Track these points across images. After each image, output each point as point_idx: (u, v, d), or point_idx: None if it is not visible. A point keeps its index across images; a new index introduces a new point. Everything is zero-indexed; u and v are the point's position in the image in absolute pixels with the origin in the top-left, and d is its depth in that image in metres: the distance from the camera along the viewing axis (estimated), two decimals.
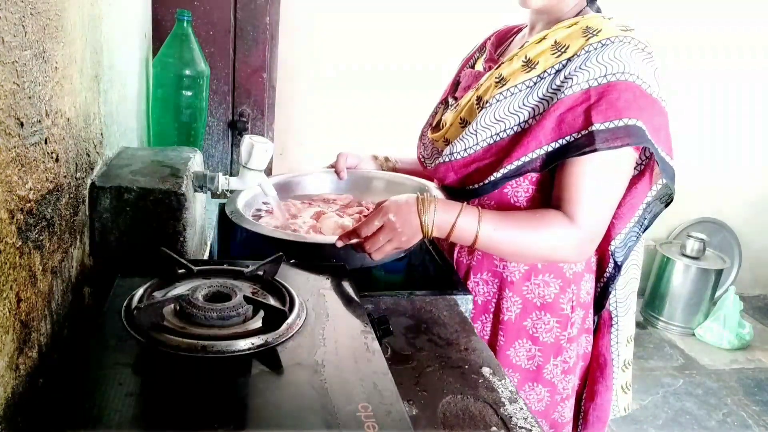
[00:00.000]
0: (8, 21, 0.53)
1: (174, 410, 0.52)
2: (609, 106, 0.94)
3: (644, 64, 0.95)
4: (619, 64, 0.94)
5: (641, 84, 0.94)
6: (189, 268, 0.73)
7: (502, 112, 1.02)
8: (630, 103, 0.94)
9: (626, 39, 0.95)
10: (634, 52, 0.95)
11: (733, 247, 3.57)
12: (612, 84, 0.94)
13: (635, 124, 0.94)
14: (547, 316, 1.10)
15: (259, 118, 1.80)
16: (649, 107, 0.95)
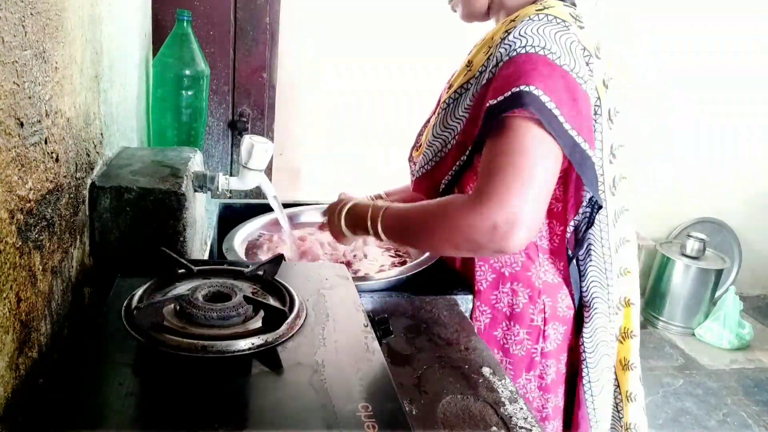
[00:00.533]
0: (8, 21, 0.53)
1: (174, 410, 0.52)
2: (503, 81, 0.87)
3: (554, 36, 0.88)
4: (523, 39, 0.87)
5: (547, 54, 0.86)
6: (189, 268, 0.73)
7: (448, 119, 1.02)
8: (527, 72, 0.84)
9: (536, 16, 0.90)
10: (542, 26, 0.88)
11: (733, 247, 3.58)
12: (512, 59, 0.87)
13: (523, 89, 0.83)
14: (517, 327, 1.05)
15: (259, 118, 1.81)
16: (552, 76, 0.84)
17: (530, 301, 1.04)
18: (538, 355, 1.06)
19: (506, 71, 0.88)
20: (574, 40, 0.90)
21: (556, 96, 0.84)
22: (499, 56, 0.91)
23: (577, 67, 0.88)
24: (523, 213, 0.80)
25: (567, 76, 0.86)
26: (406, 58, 2.77)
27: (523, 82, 0.84)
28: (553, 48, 0.87)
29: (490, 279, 1.06)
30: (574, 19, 0.94)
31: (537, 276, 1.04)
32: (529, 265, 1.04)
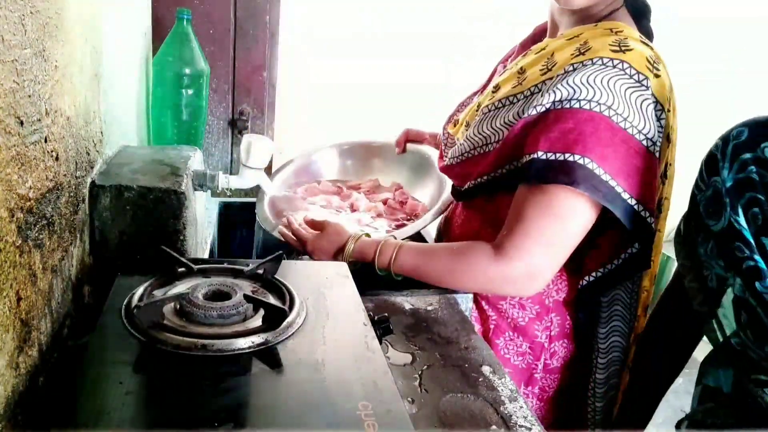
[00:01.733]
0: (8, 20, 0.53)
1: (174, 409, 0.52)
2: (559, 136, 0.84)
3: (625, 93, 0.83)
4: (591, 89, 0.83)
5: (612, 116, 0.82)
6: (189, 267, 0.73)
7: (485, 127, 0.97)
8: (585, 136, 0.82)
9: (611, 63, 0.84)
10: (615, 79, 0.83)
11: None
12: (573, 111, 0.83)
13: (576, 161, 0.82)
14: (520, 339, 1.03)
15: (259, 116, 1.80)
16: (613, 143, 0.83)
17: (537, 317, 1.02)
18: (539, 372, 1.04)
19: (564, 124, 0.84)
20: (647, 99, 0.84)
21: (613, 165, 0.83)
22: (558, 94, 0.85)
23: (647, 128, 0.84)
24: (543, 271, 0.89)
25: (632, 140, 0.83)
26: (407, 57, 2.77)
27: (580, 150, 0.82)
28: (620, 107, 0.82)
29: None
30: (651, 65, 0.87)
31: (549, 293, 1.02)
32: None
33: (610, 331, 1.00)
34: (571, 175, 0.82)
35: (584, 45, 0.88)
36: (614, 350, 1.01)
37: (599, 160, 0.82)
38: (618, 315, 1.00)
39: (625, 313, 1.00)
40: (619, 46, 0.86)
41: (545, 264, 0.88)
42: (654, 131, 0.85)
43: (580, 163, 0.82)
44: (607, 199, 0.83)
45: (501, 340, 1.04)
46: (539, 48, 0.97)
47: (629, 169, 0.84)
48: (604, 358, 1.00)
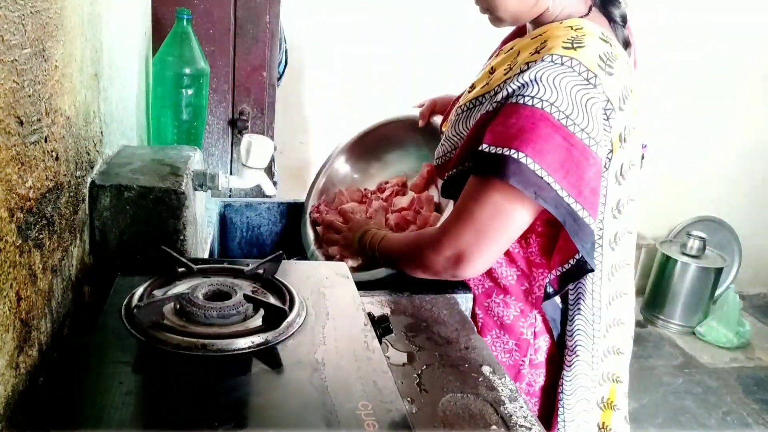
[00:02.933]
0: (8, 19, 0.53)
1: (174, 409, 0.52)
2: (502, 130, 0.85)
3: (570, 91, 0.83)
4: (537, 86, 0.83)
5: (554, 113, 0.83)
6: (189, 267, 0.73)
7: (460, 126, 1.00)
8: (524, 130, 0.83)
9: (561, 60, 0.84)
10: (562, 76, 0.83)
11: (733, 245, 3.58)
12: (518, 106, 0.85)
13: (511, 155, 0.83)
14: (506, 337, 1.05)
15: (259, 116, 1.80)
16: (552, 139, 0.83)
17: (521, 314, 1.04)
18: (525, 367, 1.05)
19: (508, 119, 0.85)
20: (593, 98, 0.84)
21: (550, 161, 0.83)
22: (510, 91, 0.86)
23: (590, 126, 0.84)
24: (471, 254, 0.91)
25: (572, 138, 0.83)
26: (407, 57, 2.77)
27: (517, 145, 0.83)
28: (563, 104, 0.83)
29: (486, 286, 1.06)
30: (604, 62, 0.86)
31: (531, 291, 1.03)
32: (523, 279, 1.03)
33: (574, 330, 1.01)
34: (504, 169, 0.84)
35: (542, 44, 0.89)
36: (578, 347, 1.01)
37: (535, 156, 0.83)
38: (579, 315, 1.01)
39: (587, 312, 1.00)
40: (572, 44, 0.86)
41: (473, 248, 0.91)
42: (598, 130, 0.85)
43: (514, 158, 0.83)
44: (539, 194, 0.83)
45: (488, 338, 1.06)
46: (509, 47, 0.99)
47: (568, 166, 0.84)
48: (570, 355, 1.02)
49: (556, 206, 0.85)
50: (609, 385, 1.06)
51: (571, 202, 0.85)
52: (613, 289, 1.02)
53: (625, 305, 1.04)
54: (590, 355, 1.02)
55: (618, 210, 0.97)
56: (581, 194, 0.85)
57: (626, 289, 1.04)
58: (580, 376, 1.03)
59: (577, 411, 1.04)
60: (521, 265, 1.03)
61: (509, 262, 1.04)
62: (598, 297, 1.00)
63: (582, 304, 1.00)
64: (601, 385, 1.05)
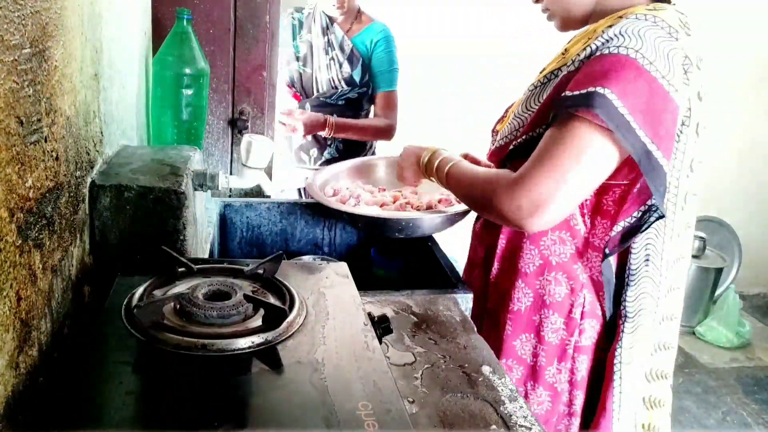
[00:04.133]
0: (8, 20, 0.53)
1: (174, 409, 0.52)
2: (585, 75, 0.88)
3: (654, 40, 0.86)
4: (621, 38, 0.86)
5: (638, 59, 0.85)
6: (189, 267, 0.73)
7: (532, 102, 1.02)
8: (609, 72, 0.85)
9: (644, 17, 0.89)
10: (646, 29, 0.87)
11: (733, 245, 3.58)
12: (602, 56, 0.87)
13: (598, 90, 0.84)
14: (555, 315, 1.06)
15: (259, 116, 1.80)
16: (636, 81, 0.85)
17: (571, 292, 1.05)
18: (571, 348, 1.07)
19: (592, 67, 0.88)
20: (675, 48, 0.87)
21: (633, 101, 0.84)
22: (594, 48, 0.90)
23: (671, 74, 0.86)
24: (548, 204, 0.87)
25: (654, 82, 0.85)
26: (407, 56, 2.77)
27: (601, 83, 0.84)
28: (648, 52, 0.85)
29: (537, 264, 1.07)
30: (683, 25, 0.92)
31: (582, 270, 1.05)
32: (576, 258, 1.05)
33: (639, 293, 1.01)
34: (589, 101, 0.84)
35: (619, 17, 0.93)
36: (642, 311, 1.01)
37: (619, 94, 0.84)
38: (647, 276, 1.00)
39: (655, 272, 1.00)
40: (654, 7, 0.92)
41: (551, 193, 0.87)
42: (678, 80, 0.88)
43: (600, 92, 0.84)
44: (620, 129, 0.84)
45: (537, 317, 1.08)
46: (582, 31, 1.02)
47: (648, 108, 0.86)
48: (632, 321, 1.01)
49: (632, 144, 0.85)
50: (661, 353, 1.06)
51: (647, 141, 0.86)
52: (678, 250, 1.02)
53: (683, 269, 1.05)
54: (652, 319, 1.02)
55: (691, 169, 0.99)
56: (657, 135, 0.86)
57: (686, 252, 1.05)
58: (641, 342, 1.02)
59: (633, 381, 1.03)
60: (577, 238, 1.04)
61: (562, 241, 1.05)
62: (666, 257, 1.00)
63: (651, 264, 1.00)
64: (652, 356, 1.05)
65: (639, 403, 1.06)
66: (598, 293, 1.05)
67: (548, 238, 1.06)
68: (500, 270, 1.13)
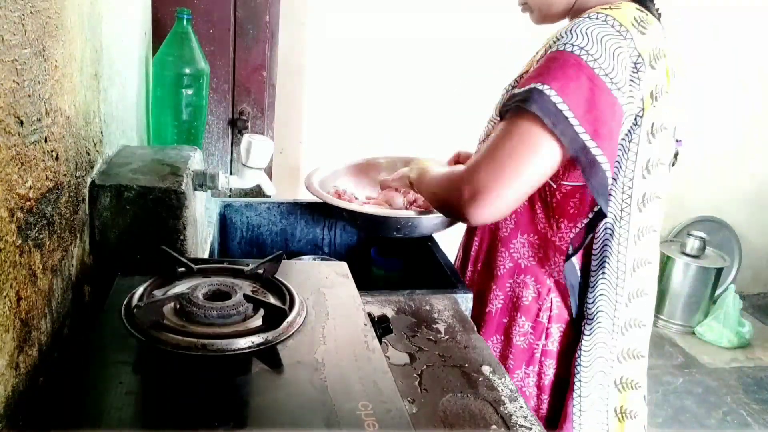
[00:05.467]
0: (8, 19, 0.53)
1: (174, 409, 0.52)
2: (532, 74, 0.89)
3: (600, 38, 0.87)
4: (569, 36, 0.87)
5: (582, 55, 0.86)
6: (189, 267, 0.73)
7: (495, 112, 1.05)
8: (552, 69, 0.86)
9: (596, 16, 0.89)
10: (593, 27, 0.87)
11: (733, 245, 3.58)
12: (551, 54, 0.88)
13: (537, 87, 0.85)
14: (523, 319, 1.07)
15: (259, 116, 1.80)
16: (577, 77, 0.85)
17: (538, 296, 1.06)
18: (539, 352, 1.07)
19: (540, 65, 0.89)
20: (621, 47, 0.88)
21: (572, 97, 0.85)
22: (546, 48, 0.93)
23: (615, 72, 0.87)
24: (487, 193, 0.87)
25: (596, 79, 0.86)
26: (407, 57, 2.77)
27: (542, 80, 0.86)
28: (592, 49, 0.86)
29: (507, 267, 1.08)
30: (637, 23, 0.90)
31: (550, 274, 1.05)
32: (543, 261, 1.06)
33: (597, 296, 1.01)
34: (528, 99, 0.86)
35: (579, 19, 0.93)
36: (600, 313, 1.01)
37: (559, 90, 0.85)
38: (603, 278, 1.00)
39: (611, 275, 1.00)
40: (609, 6, 0.91)
41: (489, 182, 0.88)
42: (622, 78, 0.88)
43: (538, 89, 0.85)
44: (556, 126, 0.84)
45: (506, 319, 1.09)
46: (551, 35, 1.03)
47: (590, 106, 0.86)
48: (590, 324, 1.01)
49: (570, 141, 0.85)
50: (630, 362, 1.04)
51: (586, 139, 0.85)
52: (639, 254, 1.00)
53: (650, 275, 1.03)
54: (611, 323, 1.01)
55: (647, 170, 0.97)
56: (597, 133, 0.86)
57: (651, 257, 1.02)
58: (599, 345, 1.01)
59: (594, 386, 1.03)
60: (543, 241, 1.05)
61: (530, 244, 1.06)
62: (623, 260, 0.99)
63: (607, 266, 1.00)
64: (620, 363, 1.04)
65: (611, 413, 1.05)
66: (565, 297, 1.05)
67: (517, 241, 1.07)
68: (474, 272, 1.15)
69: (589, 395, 1.03)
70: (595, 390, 1.03)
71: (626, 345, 1.04)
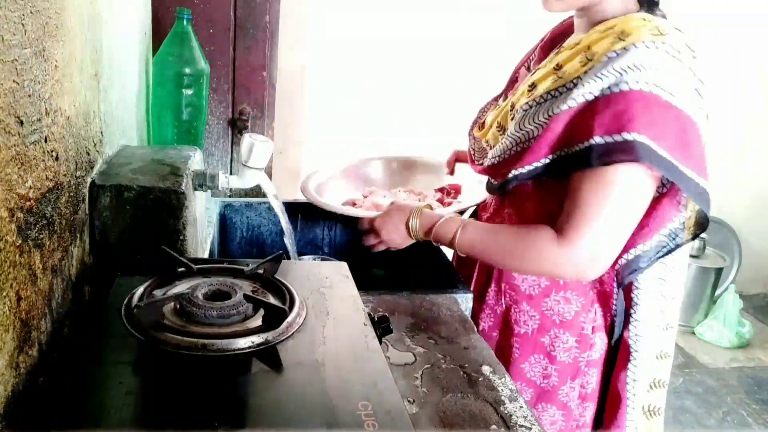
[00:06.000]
0: (8, 19, 0.53)
1: (174, 409, 0.52)
2: (613, 119, 0.86)
3: (671, 71, 0.86)
4: (637, 72, 0.85)
5: (660, 93, 0.85)
6: (189, 267, 0.73)
7: (527, 122, 0.97)
8: (638, 115, 0.85)
9: (653, 44, 0.86)
10: (659, 58, 0.86)
11: (734, 245, 3.57)
12: (623, 93, 0.85)
13: (635, 139, 0.84)
14: (566, 335, 1.05)
15: (259, 116, 1.80)
16: (665, 119, 0.85)
17: (582, 309, 1.04)
18: (584, 364, 1.06)
19: (616, 107, 0.86)
20: (689, 76, 0.87)
21: (668, 141, 0.85)
22: (607, 80, 0.87)
23: (691, 101, 0.87)
24: (604, 252, 0.91)
25: (681, 115, 0.86)
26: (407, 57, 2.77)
27: (634, 128, 0.84)
28: (670, 86, 0.85)
29: (543, 286, 1.05)
30: (689, 48, 0.90)
31: (593, 285, 1.04)
32: None
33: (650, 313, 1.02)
34: (632, 153, 0.84)
35: (622, 33, 0.89)
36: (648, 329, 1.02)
37: (655, 138, 0.85)
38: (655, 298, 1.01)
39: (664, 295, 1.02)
40: (657, 30, 0.88)
41: (606, 246, 0.91)
42: (697, 107, 0.89)
43: (639, 141, 0.84)
44: (669, 173, 0.87)
45: (546, 338, 1.07)
46: (573, 44, 0.98)
47: (683, 143, 0.87)
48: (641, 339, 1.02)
49: (687, 187, 0.88)
50: (661, 362, 1.06)
51: (693, 176, 0.89)
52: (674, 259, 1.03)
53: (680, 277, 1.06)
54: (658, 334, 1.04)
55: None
56: (699, 167, 0.90)
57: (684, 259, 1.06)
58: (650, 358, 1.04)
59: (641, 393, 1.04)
60: None
61: None
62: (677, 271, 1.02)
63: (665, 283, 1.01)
64: (653, 365, 1.06)
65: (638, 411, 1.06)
66: (608, 304, 1.04)
67: None
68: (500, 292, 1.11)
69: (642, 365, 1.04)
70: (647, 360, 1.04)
71: (660, 347, 1.05)
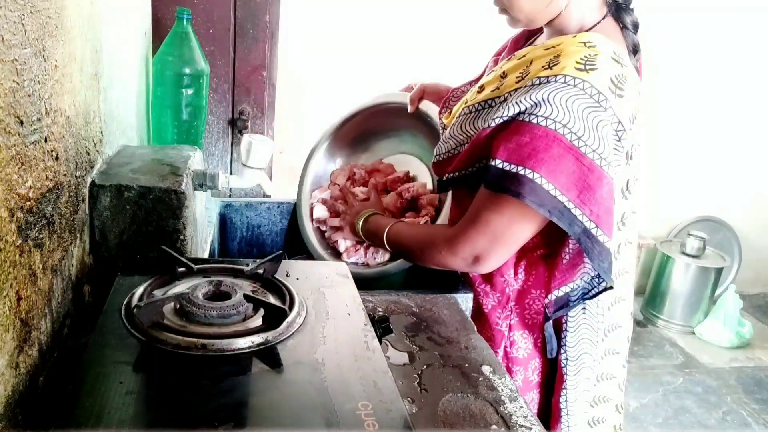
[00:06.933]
0: (8, 19, 0.53)
1: (174, 409, 0.52)
2: (516, 148, 0.87)
3: (582, 113, 0.85)
4: (549, 107, 0.85)
5: (567, 135, 0.85)
6: (189, 267, 0.73)
7: (466, 126, 0.99)
8: (538, 151, 0.85)
9: (573, 81, 0.85)
10: (574, 98, 0.85)
11: (733, 245, 3.58)
12: (531, 125, 0.86)
13: (526, 175, 0.85)
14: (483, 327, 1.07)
15: (259, 116, 1.80)
16: (563, 159, 0.85)
17: (498, 304, 1.06)
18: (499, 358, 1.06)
19: (521, 137, 0.87)
20: (603, 120, 0.86)
21: (563, 182, 0.86)
22: (522, 106, 0.87)
23: (602, 147, 0.86)
24: (487, 256, 0.96)
25: (584, 158, 0.86)
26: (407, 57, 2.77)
27: (531, 165, 0.85)
28: (575, 126, 0.85)
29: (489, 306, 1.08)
30: (615, 85, 0.88)
31: (509, 283, 1.05)
32: (503, 270, 1.04)
33: (580, 339, 1.03)
34: (520, 188, 0.86)
35: (555, 59, 0.89)
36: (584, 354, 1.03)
37: (549, 176, 0.85)
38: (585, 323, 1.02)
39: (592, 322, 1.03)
40: (585, 65, 0.87)
41: (489, 251, 0.96)
42: (608, 152, 0.88)
43: (529, 177, 0.86)
44: (553, 213, 0.87)
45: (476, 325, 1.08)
46: (521, 54, 0.99)
47: (581, 186, 0.87)
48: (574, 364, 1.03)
49: (570, 225, 0.87)
50: (604, 383, 1.09)
51: (585, 221, 0.87)
52: (614, 295, 1.04)
53: (623, 310, 1.07)
54: (592, 359, 1.04)
55: (622, 223, 1.01)
56: (595, 214, 0.87)
57: (625, 294, 1.07)
58: (584, 381, 1.05)
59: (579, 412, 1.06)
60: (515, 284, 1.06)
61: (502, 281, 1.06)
62: (601, 304, 1.02)
63: (587, 312, 1.02)
64: (594, 386, 1.07)
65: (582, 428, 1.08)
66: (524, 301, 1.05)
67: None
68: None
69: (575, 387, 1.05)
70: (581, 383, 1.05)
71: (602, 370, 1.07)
